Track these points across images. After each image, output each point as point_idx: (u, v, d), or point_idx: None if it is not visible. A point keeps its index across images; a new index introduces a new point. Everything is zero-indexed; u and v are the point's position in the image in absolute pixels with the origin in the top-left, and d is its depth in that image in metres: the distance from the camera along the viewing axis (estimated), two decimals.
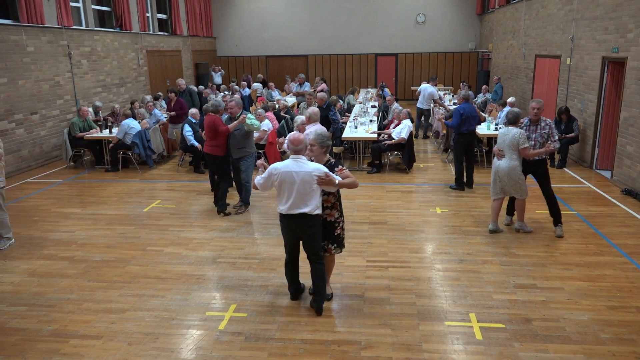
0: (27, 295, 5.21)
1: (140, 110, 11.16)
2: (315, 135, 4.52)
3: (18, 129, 10.29)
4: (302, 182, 4.33)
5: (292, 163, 4.42)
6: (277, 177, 4.43)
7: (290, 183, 4.37)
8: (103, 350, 4.21)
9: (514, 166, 6.22)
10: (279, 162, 4.52)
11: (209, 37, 21.61)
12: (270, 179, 4.47)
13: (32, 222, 7.42)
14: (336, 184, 4.35)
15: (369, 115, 12.18)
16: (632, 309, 4.70)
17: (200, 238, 6.65)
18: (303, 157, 4.45)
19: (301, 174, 4.34)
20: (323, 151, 4.55)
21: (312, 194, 4.38)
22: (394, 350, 4.13)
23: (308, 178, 4.33)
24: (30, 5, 10.54)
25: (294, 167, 4.39)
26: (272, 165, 4.50)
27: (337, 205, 4.68)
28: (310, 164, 4.41)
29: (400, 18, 21.07)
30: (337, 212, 4.69)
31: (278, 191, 4.50)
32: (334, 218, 4.67)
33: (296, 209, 4.40)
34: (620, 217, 7.13)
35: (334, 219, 4.67)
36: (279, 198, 4.51)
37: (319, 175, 4.31)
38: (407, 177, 9.57)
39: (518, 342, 4.22)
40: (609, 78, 9.19)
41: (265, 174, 4.52)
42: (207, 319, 4.67)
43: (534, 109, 6.20)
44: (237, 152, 7.36)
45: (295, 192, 4.37)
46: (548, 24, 12.30)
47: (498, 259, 5.81)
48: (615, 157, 8.81)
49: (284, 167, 4.42)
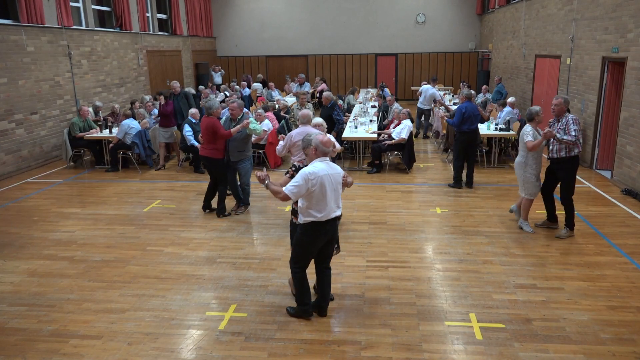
0: (27, 295, 5.21)
1: (140, 110, 11.16)
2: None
3: (18, 129, 10.29)
4: (337, 184, 4.34)
5: (327, 166, 4.28)
6: (316, 182, 4.16)
7: (329, 187, 4.26)
8: (103, 350, 4.21)
9: (519, 162, 6.40)
10: (309, 166, 4.26)
11: (209, 37, 21.61)
12: (307, 185, 4.15)
13: (32, 222, 7.42)
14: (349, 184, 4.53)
15: (369, 115, 12.18)
16: (632, 309, 4.70)
17: (200, 238, 6.65)
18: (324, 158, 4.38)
19: (336, 177, 4.34)
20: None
21: (340, 195, 4.45)
22: (394, 350, 4.13)
23: (339, 179, 4.38)
24: (30, 5, 10.54)
25: (329, 170, 4.29)
26: (306, 171, 4.18)
27: None
28: (337, 166, 4.45)
29: (400, 18, 21.08)
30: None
31: (315, 197, 4.20)
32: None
33: (333, 212, 4.35)
34: (620, 217, 7.13)
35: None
36: (316, 204, 4.22)
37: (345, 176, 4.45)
38: (407, 177, 9.57)
39: (518, 342, 4.22)
40: (609, 78, 9.19)
41: (299, 181, 4.14)
42: (207, 319, 4.67)
43: (551, 105, 6.24)
44: (236, 155, 7.23)
45: (333, 196, 4.31)
46: (548, 24, 12.30)
47: (498, 259, 5.81)
48: (615, 157, 8.81)
49: (321, 171, 4.21)
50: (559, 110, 6.13)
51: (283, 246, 6.28)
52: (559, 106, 6.11)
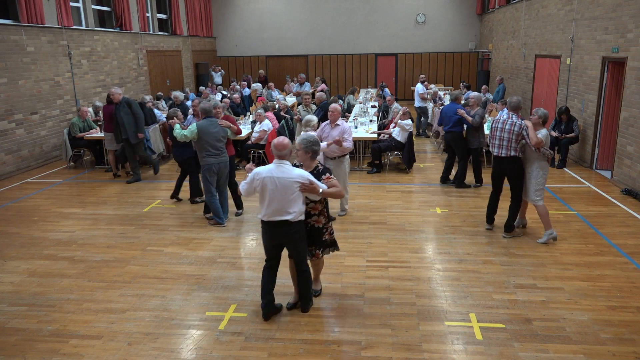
0: (27, 295, 5.21)
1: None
2: (300, 140, 4.43)
3: (18, 129, 10.29)
4: (283, 188, 4.20)
5: (275, 168, 4.27)
6: (259, 182, 4.29)
7: (272, 189, 4.23)
8: (103, 350, 4.21)
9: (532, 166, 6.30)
10: (262, 166, 4.40)
11: (209, 37, 21.61)
12: (253, 184, 4.33)
13: (32, 222, 7.42)
14: (320, 192, 4.23)
15: (369, 115, 12.18)
16: (632, 309, 4.70)
17: (200, 238, 6.65)
18: (287, 163, 4.31)
19: (282, 180, 4.21)
20: (308, 156, 4.44)
21: (294, 201, 4.24)
22: (394, 350, 4.13)
23: (289, 184, 4.20)
24: (30, 5, 10.54)
25: (275, 173, 4.24)
26: (255, 170, 4.37)
27: (325, 212, 4.62)
28: (294, 171, 4.26)
29: (400, 18, 21.08)
30: (325, 218, 4.62)
31: (259, 196, 4.37)
32: (322, 224, 4.61)
33: (278, 216, 4.27)
34: (620, 217, 7.13)
35: (321, 225, 4.61)
36: (261, 204, 4.38)
37: (302, 182, 4.19)
38: (407, 177, 9.57)
39: (518, 342, 4.22)
40: (609, 78, 9.19)
41: (248, 179, 4.37)
42: (207, 319, 4.67)
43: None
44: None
45: (276, 199, 4.23)
46: (548, 24, 12.30)
47: (498, 259, 5.81)
48: (615, 157, 8.81)
49: (266, 172, 4.27)
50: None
51: None
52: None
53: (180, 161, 7.82)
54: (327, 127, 7.02)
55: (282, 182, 4.21)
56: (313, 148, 4.44)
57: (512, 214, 6.41)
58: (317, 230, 4.61)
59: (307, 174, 4.27)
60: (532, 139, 5.95)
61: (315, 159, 4.52)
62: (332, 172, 4.58)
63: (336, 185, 4.37)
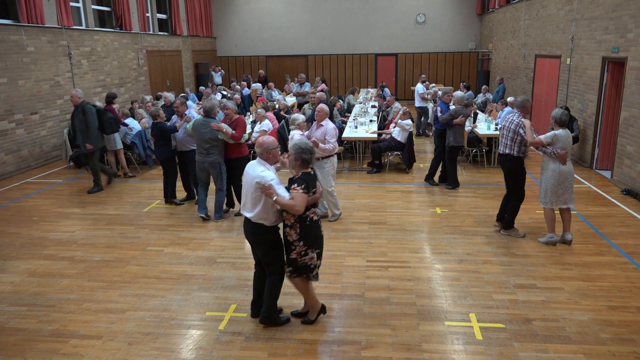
0: (27, 295, 5.21)
1: (139, 110, 11.16)
2: (292, 145, 4.28)
3: (18, 129, 10.29)
4: (249, 185, 4.25)
5: (254, 163, 4.32)
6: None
7: (244, 182, 4.36)
8: (103, 350, 4.21)
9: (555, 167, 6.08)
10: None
11: (209, 37, 21.61)
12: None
13: (32, 222, 7.42)
14: (274, 199, 4.05)
15: (369, 115, 12.18)
16: (632, 309, 4.70)
17: (200, 238, 6.65)
18: (262, 162, 4.27)
19: (249, 177, 4.26)
20: (297, 163, 4.20)
21: (257, 201, 4.18)
22: (394, 350, 4.13)
23: (251, 182, 4.20)
24: (30, 5, 10.54)
25: (249, 168, 4.33)
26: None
27: (297, 227, 4.18)
28: (260, 170, 4.18)
29: (400, 18, 21.08)
30: (296, 234, 4.18)
31: None
32: (292, 239, 4.21)
33: (244, 210, 4.32)
34: (620, 217, 7.13)
35: (291, 240, 4.22)
36: None
37: (260, 184, 4.10)
38: (407, 177, 9.57)
39: (518, 342, 4.22)
40: (609, 78, 9.19)
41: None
42: (207, 319, 4.67)
43: None
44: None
45: (245, 192, 4.30)
46: (548, 24, 12.30)
47: (498, 259, 5.81)
48: (615, 157, 8.81)
49: (248, 166, 4.39)
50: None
51: None
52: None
53: (160, 160, 7.86)
54: (314, 127, 7.01)
55: (248, 178, 4.29)
56: (302, 156, 4.18)
57: (509, 212, 6.42)
58: (287, 244, 4.28)
59: (269, 178, 4.10)
60: (528, 138, 5.95)
61: (305, 167, 4.23)
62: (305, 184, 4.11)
63: (294, 198, 4.03)
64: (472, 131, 10.21)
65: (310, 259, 4.25)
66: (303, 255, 4.22)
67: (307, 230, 4.21)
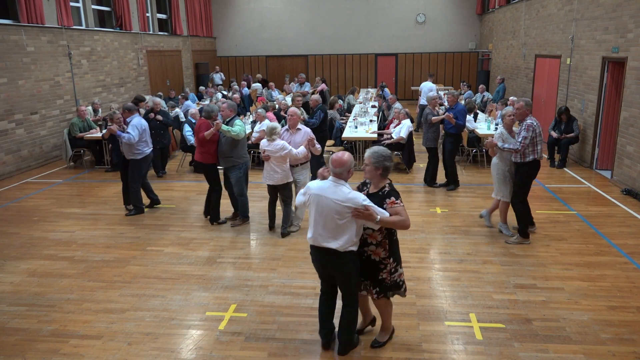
0: (27, 295, 5.21)
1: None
2: (371, 153, 3.76)
3: (18, 129, 10.29)
4: (332, 211, 3.65)
5: (328, 187, 3.72)
6: (309, 198, 3.83)
7: (320, 210, 3.72)
8: (103, 350, 4.21)
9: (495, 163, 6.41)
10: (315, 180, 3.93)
11: (209, 37, 21.61)
12: (306, 198, 3.87)
13: (32, 222, 7.41)
14: (377, 221, 3.58)
15: (369, 115, 12.18)
16: (632, 309, 4.70)
17: (200, 238, 6.65)
18: (343, 183, 3.72)
19: (331, 202, 3.65)
20: (378, 173, 3.74)
21: (344, 227, 3.65)
22: (394, 350, 4.12)
23: (339, 209, 3.61)
24: (30, 5, 10.54)
25: (326, 192, 3.70)
26: (309, 183, 3.90)
27: (386, 244, 3.84)
28: (347, 193, 3.65)
29: (400, 18, 21.08)
30: (385, 251, 3.84)
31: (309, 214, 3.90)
32: (379, 258, 3.85)
33: (323, 241, 3.73)
34: (620, 217, 7.13)
35: (378, 259, 3.86)
36: (310, 223, 3.87)
37: (355, 208, 3.59)
38: (407, 177, 9.57)
39: (518, 342, 4.22)
40: (609, 78, 9.19)
41: (303, 190, 3.91)
42: (207, 319, 4.67)
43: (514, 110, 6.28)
44: (224, 161, 6.78)
45: (321, 222, 3.71)
46: (548, 24, 12.30)
47: (498, 259, 5.81)
48: (615, 157, 8.81)
49: (317, 189, 3.76)
50: (521, 114, 5.99)
51: (283, 246, 6.28)
52: (520, 110, 5.98)
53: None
54: (286, 133, 6.68)
55: (331, 204, 3.66)
56: (385, 164, 3.72)
57: (517, 218, 6.25)
58: (372, 263, 3.88)
59: (363, 198, 3.63)
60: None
61: (386, 176, 3.81)
62: (399, 196, 3.79)
63: (400, 213, 3.66)
64: (472, 131, 10.22)
65: (399, 275, 3.97)
66: (393, 273, 3.91)
67: (395, 246, 3.93)
